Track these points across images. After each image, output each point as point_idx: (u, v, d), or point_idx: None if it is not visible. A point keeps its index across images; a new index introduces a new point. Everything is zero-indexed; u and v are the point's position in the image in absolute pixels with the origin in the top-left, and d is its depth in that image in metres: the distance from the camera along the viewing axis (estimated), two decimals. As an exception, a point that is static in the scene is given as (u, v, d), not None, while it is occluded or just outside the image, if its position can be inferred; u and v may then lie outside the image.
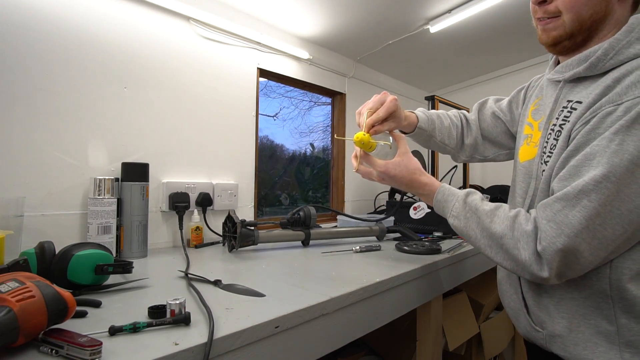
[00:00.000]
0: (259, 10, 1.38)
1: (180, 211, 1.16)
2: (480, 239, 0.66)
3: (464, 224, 0.68)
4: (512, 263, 0.62)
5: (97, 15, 1.03)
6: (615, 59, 0.59)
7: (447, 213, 0.72)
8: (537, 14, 0.67)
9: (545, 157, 0.67)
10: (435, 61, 2.03)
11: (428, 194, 0.76)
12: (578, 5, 0.62)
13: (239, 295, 0.65)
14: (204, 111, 1.28)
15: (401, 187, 0.78)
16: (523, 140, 0.78)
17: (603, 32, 0.64)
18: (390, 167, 0.77)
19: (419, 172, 0.77)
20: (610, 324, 0.59)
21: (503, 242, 0.62)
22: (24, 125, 0.91)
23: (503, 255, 0.62)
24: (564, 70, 0.67)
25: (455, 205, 0.70)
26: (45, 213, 0.94)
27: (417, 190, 0.78)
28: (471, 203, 0.68)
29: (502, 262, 0.63)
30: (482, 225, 0.65)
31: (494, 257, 0.64)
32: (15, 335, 0.41)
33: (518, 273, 0.63)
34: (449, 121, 0.99)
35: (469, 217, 0.67)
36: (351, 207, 1.94)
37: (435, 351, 1.02)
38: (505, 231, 0.62)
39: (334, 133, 1.95)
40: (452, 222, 0.71)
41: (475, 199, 0.69)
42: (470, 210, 0.67)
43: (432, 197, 0.75)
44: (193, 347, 0.45)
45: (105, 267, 0.67)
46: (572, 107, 0.63)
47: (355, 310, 0.71)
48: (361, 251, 1.07)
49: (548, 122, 0.68)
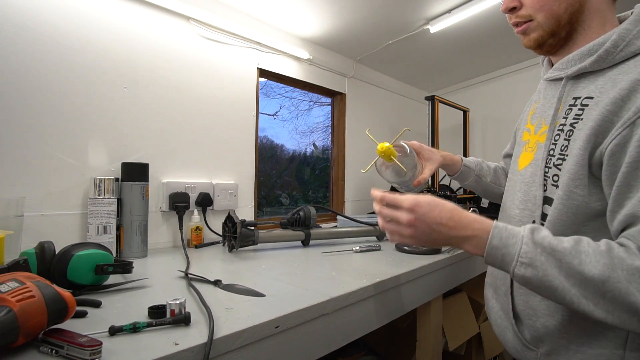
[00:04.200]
0: (259, 10, 1.38)
1: (180, 211, 1.16)
2: (568, 290, 0.49)
3: (542, 274, 0.50)
4: (623, 314, 0.47)
5: (97, 16, 1.03)
6: (626, 51, 0.55)
7: (512, 261, 0.52)
8: (512, 20, 0.67)
9: (555, 160, 0.60)
10: (435, 61, 2.03)
11: (476, 234, 0.55)
12: (548, 3, 0.60)
13: (239, 295, 0.65)
14: (204, 111, 1.28)
15: (438, 227, 0.57)
16: (522, 147, 0.72)
17: (586, 22, 0.61)
18: (422, 199, 0.58)
19: (459, 209, 0.59)
20: (617, 347, 0.54)
21: (606, 289, 0.47)
22: (24, 125, 0.91)
23: (607, 305, 0.47)
24: (566, 66, 0.63)
25: (524, 248, 0.51)
26: (45, 213, 0.94)
27: (459, 232, 0.56)
28: (543, 242, 0.51)
29: (607, 316, 0.48)
30: (567, 270, 0.49)
31: (592, 312, 0.48)
32: (15, 335, 0.41)
33: (633, 328, 0.47)
34: (489, 164, 0.96)
35: (545, 261, 0.50)
36: (351, 207, 1.94)
37: (435, 351, 1.01)
38: (606, 272, 0.47)
39: (334, 133, 1.94)
40: (522, 272, 0.51)
41: (546, 235, 0.52)
42: (545, 252, 0.50)
43: (485, 240, 0.55)
44: (193, 347, 0.45)
45: (105, 267, 0.67)
46: (582, 104, 0.58)
47: (355, 310, 0.71)
48: (361, 251, 1.07)
49: (553, 122, 0.62)
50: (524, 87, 2.05)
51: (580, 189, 0.56)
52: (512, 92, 2.13)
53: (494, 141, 2.27)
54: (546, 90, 0.70)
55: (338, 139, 1.93)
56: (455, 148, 2.31)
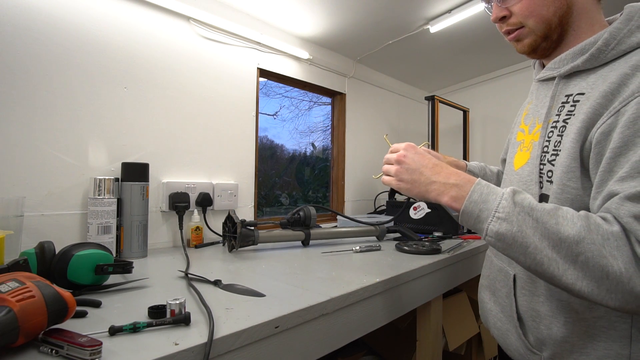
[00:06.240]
0: (259, 10, 1.38)
1: (180, 211, 1.16)
2: (541, 250, 0.48)
3: (516, 229, 0.50)
4: (592, 283, 0.45)
5: (97, 16, 1.03)
6: (617, 49, 0.56)
7: (488, 217, 0.53)
8: (503, 29, 0.68)
9: (549, 157, 0.60)
10: (435, 61, 2.03)
11: (458, 184, 0.57)
12: (536, 9, 0.61)
13: (239, 295, 0.65)
14: (204, 111, 1.28)
15: (423, 169, 0.61)
16: (517, 147, 0.73)
17: (575, 23, 0.62)
18: (411, 148, 0.65)
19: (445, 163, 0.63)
20: (622, 348, 0.53)
21: (580, 250, 0.46)
22: (24, 125, 0.91)
23: (577, 271, 0.46)
24: (558, 65, 0.64)
25: (502, 204, 0.52)
26: (45, 213, 0.94)
27: (442, 178, 0.59)
28: (523, 202, 0.51)
29: (576, 282, 0.46)
30: (543, 229, 0.48)
31: (561, 277, 0.47)
32: (15, 335, 0.41)
33: (600, 298, 0.46)
34: (492, 169, 0.96)
35: (522, 219, 0.50)
36: (351, 207, 1.94)
37: (435, 351, 1.02)
38: (582, 233, 0.46)
39: (334, 133, 1.94)
40: (496, 228, 0.51)
41: (527, 197, 0.53)
42: (524, 212, 0.50)
43: (466, 192, 0.56)
44: (193, 347, 0.45)
45: (105, 267, 0.67)
46: (574, 100, 0.59)
47: (355, 310, 0.71)
48: (361, 251, 1.07)
49: (547, 120, 0.63)
50: (524, 87, 2.04)
51: (573, 181, 0.56)
52: (512, 92, 2.13)
53: (494, 141, 2.27)
54: (538, 91, 0.71)
55: (338, 139, 1.93)
56: (455, 148, 2.31)
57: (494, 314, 0.72)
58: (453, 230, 1.39)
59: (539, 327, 0.61)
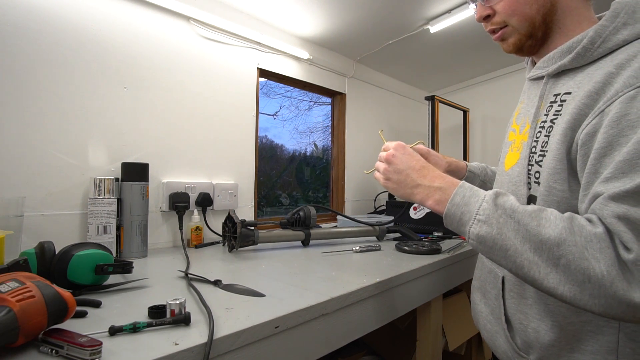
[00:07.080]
0: (259, 10, 1.38)
1: (180, 211, 1.16)
2: (521, 253, 0.47)
3: (496, 231, 0.49)
4: (574, 287, 0.44)
5: (97, 15, 1.03)
6: (603, 47, 0.55)
7: (469, 219, 0.53)
8: (487, 28, 0.68)
9: (536, 157, 0.59)
10: (435, 61, 2.03)
11: (442, 187, 0.58)
12: (519, 7, 0.61)
13: (239, 295, 0.65)
14: (204, 111, 1.28)
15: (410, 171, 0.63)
16: (508, 147, 0.72)
17: (560, 21, 0.62)
18: (408, 148, 0.67)
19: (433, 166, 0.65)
20: (610, 353, 0.52)
21: (561, 252, 0.44)
22: (24, 125, 0.91)
23: (559, 275, 0.45)
24: (546, 64, 0.63)
25: (483, 206, 0.52)
26: (45, 213, 0.94)
27: (427, 181, 0.60)
28: (505, 204, 0.51)
29: (557, 286, 0.45)
30: (524, 232, 0.48)
31: (542, 281, 0.46)
32: (15, 335, 0.41)
33: (583, 303, 0.44)
34: (492, 169, 0.95)
35: (502, 222, 0.50)
36: (351, 207, 1.94)
37: (435, 351, 1.02)
38: (563, 235, 0.45)
39: (334, 133, 1.95)
40: (477, 231, 0.52)
41: (510, 199, 0.52)
42: (505, 214, 0.50)
43: (449, 196, 0.57)
44: (193, 347, 0.45)
45: (105, 267, 0.67)
46: (561, 100, 0.58)
47: (355, 310, 0.71)
48: (361, 251, 1.07)
49: (535, 120, 0.62)
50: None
51: (559, 184, 0.55)
52: (512, 92, 2.13)
53: (494, 141, 2.27)
54: (529, 90, 0.70)
55: (338, 138, 1.93)
56: (455, 148, 2.31)
57: (484, 315, 0.71)
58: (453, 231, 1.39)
59: (527, 330, 0.61)
